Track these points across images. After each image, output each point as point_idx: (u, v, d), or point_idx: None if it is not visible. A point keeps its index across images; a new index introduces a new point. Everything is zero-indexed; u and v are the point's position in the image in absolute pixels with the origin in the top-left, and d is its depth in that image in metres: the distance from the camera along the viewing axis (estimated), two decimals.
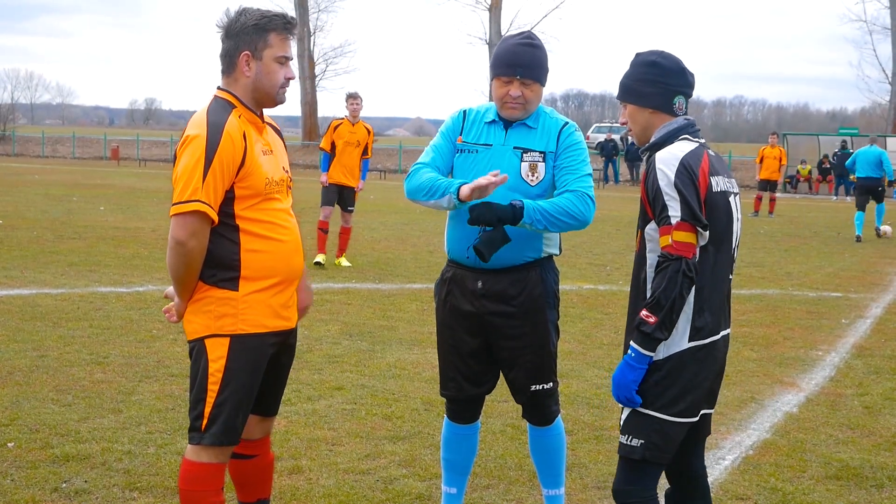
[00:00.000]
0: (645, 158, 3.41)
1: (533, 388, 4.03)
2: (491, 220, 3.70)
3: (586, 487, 4.83)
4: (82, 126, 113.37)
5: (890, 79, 46.60)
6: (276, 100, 3.50)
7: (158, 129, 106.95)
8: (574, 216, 3.79)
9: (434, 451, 5.18)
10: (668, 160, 3.24)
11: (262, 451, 3.79)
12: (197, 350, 3.45)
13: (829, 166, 36.32)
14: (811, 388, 6.94)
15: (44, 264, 11.54)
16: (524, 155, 3.92)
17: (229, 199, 3.36)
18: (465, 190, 3.72)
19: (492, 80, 3.98)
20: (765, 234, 18.57)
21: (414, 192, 3.93)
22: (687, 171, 3.21)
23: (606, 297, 10.47)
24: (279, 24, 3.42)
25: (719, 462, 5.27)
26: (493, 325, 3.98)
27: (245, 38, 3.41)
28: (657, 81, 3.39)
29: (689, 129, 3.39)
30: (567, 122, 4.03)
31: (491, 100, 4.07)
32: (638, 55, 3.48)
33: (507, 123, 3.97)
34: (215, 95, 3.49)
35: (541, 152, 3.93)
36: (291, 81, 3.53)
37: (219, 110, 3.39)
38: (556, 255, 4.09)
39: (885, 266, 14.22)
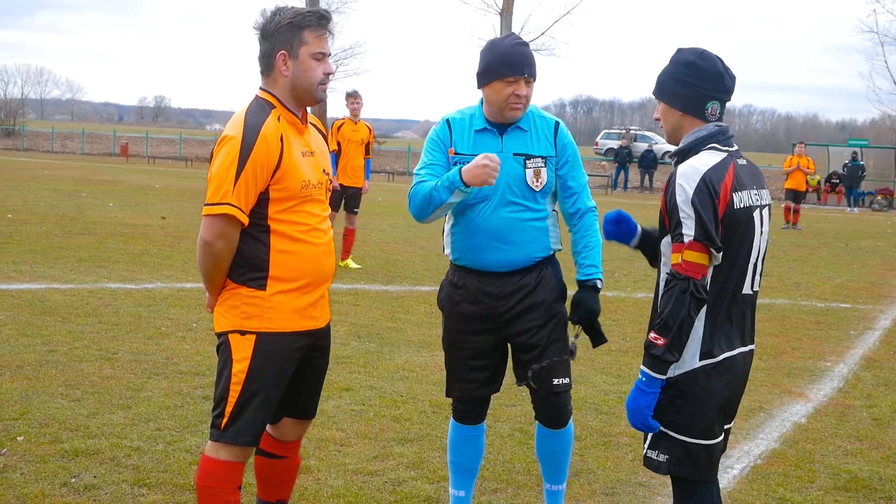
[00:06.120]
0: (674, 163, 3.29)
1: (555, 381, 4.00)
2: (597, 315, 3.98)
3: (594, 493, 4.83)
4: (91, 122, 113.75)
5: None
6: (316, 97, 3.46)
7: (168, 127, 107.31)
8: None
9: (442, 454, 5.18)
10: (689, 175, 3.10)
11: (292, 454, 3.80)
12: (223, 346, 3.46)
13: (837, 179, 36.14)
14: (819, 398, 6.92)
15: (53, 259, 11.57)
16: (527, 161, 3.91)
17: (263, 200, 3.35)
18: (468, 178, 3.73)
19: (488, 83, 3.89)
20: (773, 244, 18.53)
21: (419, 210, 3.93)
22: (707, 188, 3.06)
23: (614, 304, 10.46)
24: (313, 21, 3.39)
25: (727, 471, 5.26)
26: (513, 325, 3.99)
27: (280, 37, 3.39)
28: (691, 84, 3.23)
29: (719, 137, 3.23)
30: (557, 122, 4.03)
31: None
32: (679, 51, 3.32)
33: (501, 130, 3.94)
34: (256, 96, 3.47)
35: (542, 157, 3.93)
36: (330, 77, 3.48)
37: (258, 111, 3.37)
38: (559, 250, 4.12)
39: (893, 278, 14.19)
